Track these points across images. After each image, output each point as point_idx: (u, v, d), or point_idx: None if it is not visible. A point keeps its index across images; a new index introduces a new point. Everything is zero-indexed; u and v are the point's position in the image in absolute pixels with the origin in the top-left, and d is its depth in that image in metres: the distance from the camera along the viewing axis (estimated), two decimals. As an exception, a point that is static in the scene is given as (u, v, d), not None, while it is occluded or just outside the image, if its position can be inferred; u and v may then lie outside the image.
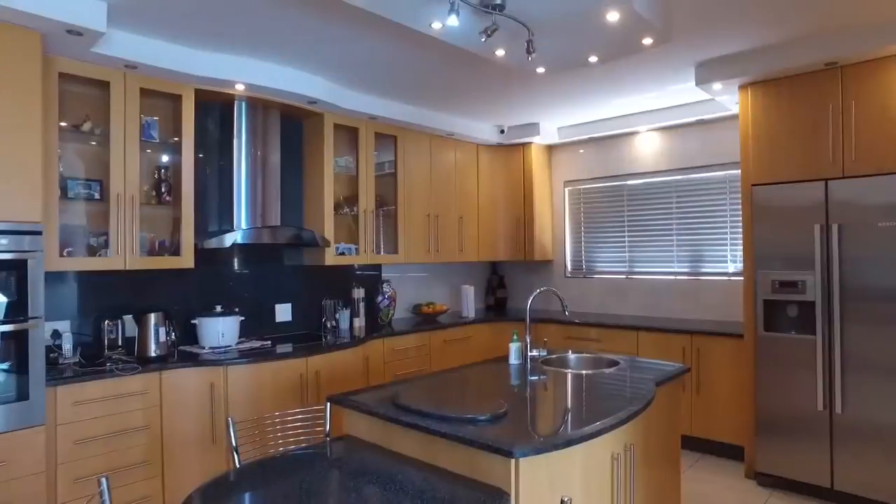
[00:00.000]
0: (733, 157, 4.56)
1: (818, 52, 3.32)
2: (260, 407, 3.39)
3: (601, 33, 2.83)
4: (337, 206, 4.46)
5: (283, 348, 3.63)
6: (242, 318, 3.80)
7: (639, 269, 5.19)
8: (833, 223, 3.37)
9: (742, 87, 3.77)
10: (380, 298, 4.73)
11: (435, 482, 1.77)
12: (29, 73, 2.71)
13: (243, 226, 3.86)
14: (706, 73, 3.74)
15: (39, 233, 2.72)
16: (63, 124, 3.20)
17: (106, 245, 3.35)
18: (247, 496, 1.71)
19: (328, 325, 4.39)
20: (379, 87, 4.20)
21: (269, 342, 3.84)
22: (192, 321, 3.61)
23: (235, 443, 2.16)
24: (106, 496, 1.61)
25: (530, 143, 5.51)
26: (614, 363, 3.01)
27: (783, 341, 3.56)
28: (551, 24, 2.70)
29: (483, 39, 2.50)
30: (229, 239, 3.54)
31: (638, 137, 5.18)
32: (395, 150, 4.81)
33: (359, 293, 4.60)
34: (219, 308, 3.71)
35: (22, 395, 2.64)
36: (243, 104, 3.90)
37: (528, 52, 2.64)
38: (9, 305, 2.63)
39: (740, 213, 4.28)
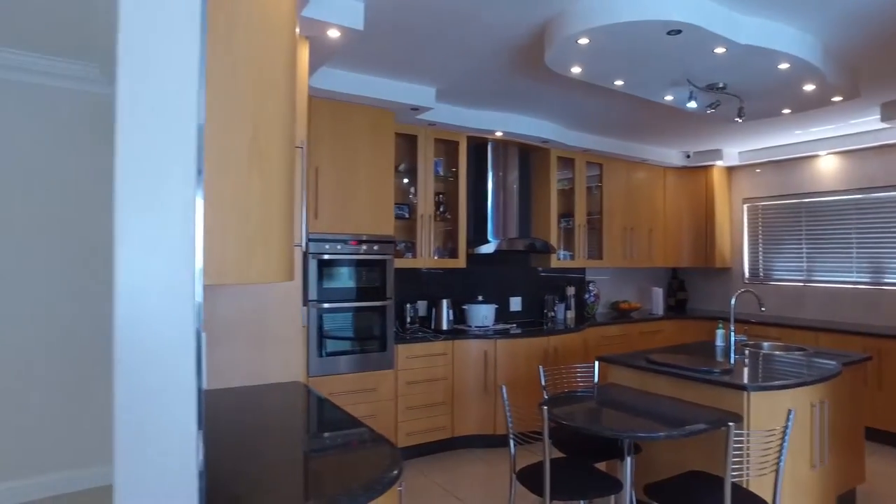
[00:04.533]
0: (915, 178, 5.08)
1: None
2: (517, 369, 4.63)
3: (797, 96, 3.71)
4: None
5: (516, 331, 4.83)
6: (497, 306, 5.10)
7: (816, 277, 5.79)
8: None
9: (924, 122, 4.39)
10: (587, 295, 5.84)
11: (685, 408, 2.83)
12: (387, 137, 4.17)
13: (492, 237, 5.15)
14: (891, 111, 4.39)
15: (392, 242, 4.16)
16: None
17: (406, 249, 4.79)
18: (566, 406, 2.88)
19: (548, 315, 5.57)
20: (592, 128, 5.31)
21: (514, 325, 5.09)
22: (463, 306, 4.96)
23: (545, 382, 3.36)
24: (504, 397, 2.86)
25: (712, 165, 6.32)
26: (802, 349, 3.85)
27: (960, 342, 4.13)
28: (758, 93, 3.64)
29: (708, 112, 3.51)
30: (491, 246, 4.82)
31: (816, 160, 5.79)
32: (600, 175, 5.89)
33: (570, 290, 5.73)
34: (480, 298, 5.02)
35: (383, 347, 4.09)
36: (491, 144, 5.20)
37: (740, 116, 3.60)
38: (376, 290, 4.09)
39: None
